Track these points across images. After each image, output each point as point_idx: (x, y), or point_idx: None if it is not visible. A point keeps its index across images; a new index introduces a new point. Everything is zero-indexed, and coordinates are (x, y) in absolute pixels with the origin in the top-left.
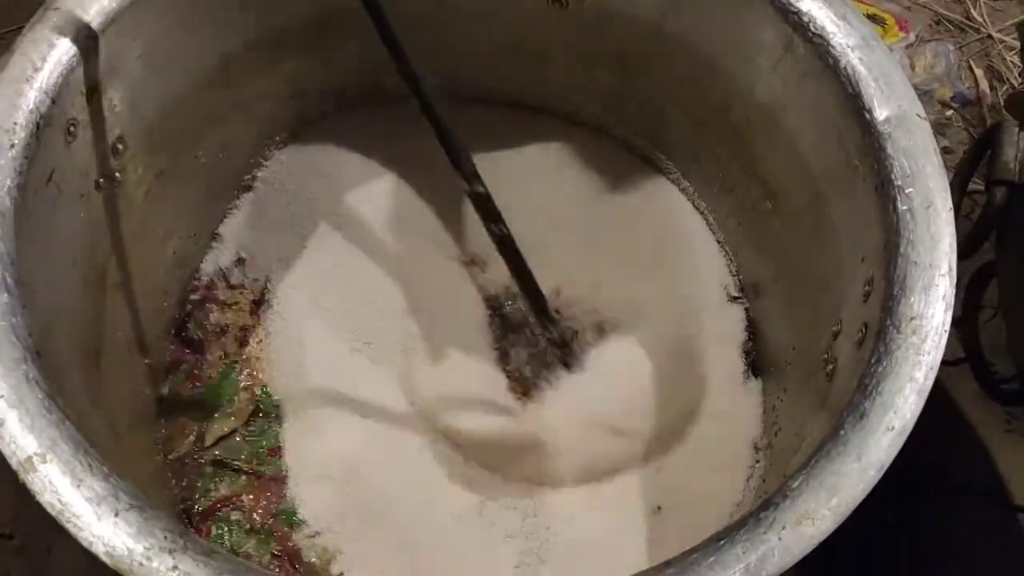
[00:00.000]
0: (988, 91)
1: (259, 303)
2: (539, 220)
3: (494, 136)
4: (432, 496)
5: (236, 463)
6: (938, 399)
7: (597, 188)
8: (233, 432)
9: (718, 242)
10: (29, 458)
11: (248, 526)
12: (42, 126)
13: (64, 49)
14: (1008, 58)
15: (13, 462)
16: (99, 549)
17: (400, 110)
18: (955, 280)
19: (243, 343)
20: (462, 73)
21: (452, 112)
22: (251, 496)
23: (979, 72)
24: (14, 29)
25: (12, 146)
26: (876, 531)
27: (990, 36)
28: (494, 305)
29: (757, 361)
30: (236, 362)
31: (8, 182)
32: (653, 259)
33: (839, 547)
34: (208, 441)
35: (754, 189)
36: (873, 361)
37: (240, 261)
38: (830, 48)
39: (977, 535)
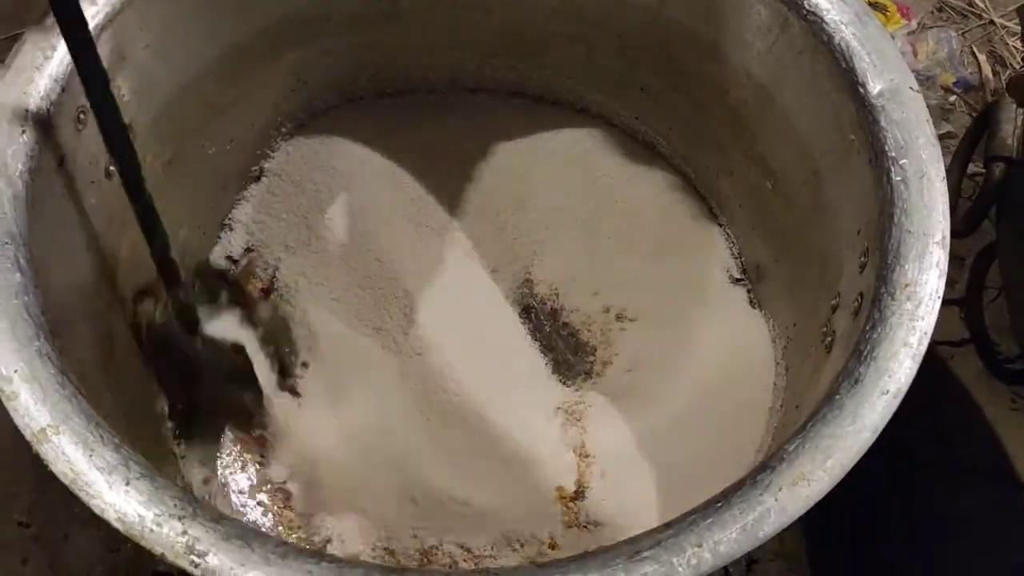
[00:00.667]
0: (991, 76)
1: (268, 291)
2: (541, 208)
3: (495, 125)
4: (435, 478)
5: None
6: (943, 379)
7: (598, 174)
8: None
9: (720, 225)
10: (43, 429)
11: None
12: (52, 113)
13: None
14: (1010, 43)
15: (27, 433)
16: (111, 516)
17: (404, 102)
18: (948, 247)
19: None
20: (463, 63)
21: (452, 101)
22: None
23: (982, 57)
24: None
25: (23, 132)
26: (882, 511)
27: (992, 22)
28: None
29: None
30: None
31: (20, 167)
32: (656, 244)
33: (846, 526)
34: None
35: (754, 170)
36: (868, 328)
37: (249, 250)
38: (824, 25)
39: (982, 514)
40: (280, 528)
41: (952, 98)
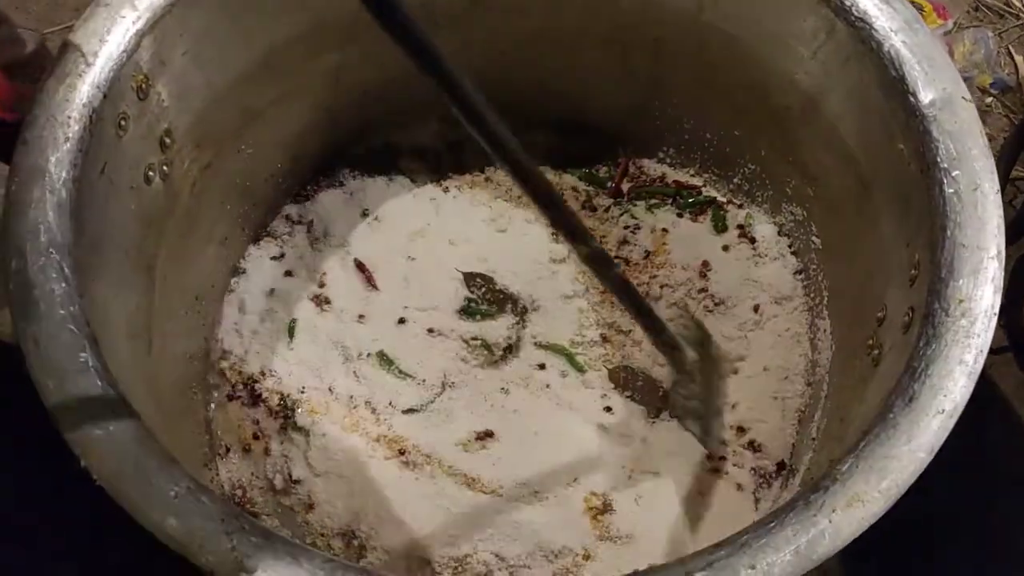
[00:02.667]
0: None
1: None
2: None
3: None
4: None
5: None
6: (981, 387)
7: None
8: None
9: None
10: (90, 443)
11: None
12: (95, 120)
13: (115, 44)
14: None
15: (74, 447)
16: (160, 530)
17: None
18: (1004, 262)
19: None
20: (495, 64)
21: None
22: None
23: (1019, 58)
24: (59, 28)
25: (67, 139)
26: (920, 521)
27: None
28: None
29: None
30: None
31: (64, 175)
32: None
33: (883, 537)
34: None
35: (793, 177)
36: (921, 344)
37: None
38: (873, 32)
39: (1022, 522)
40: (316, 536)
41: (989, 99)
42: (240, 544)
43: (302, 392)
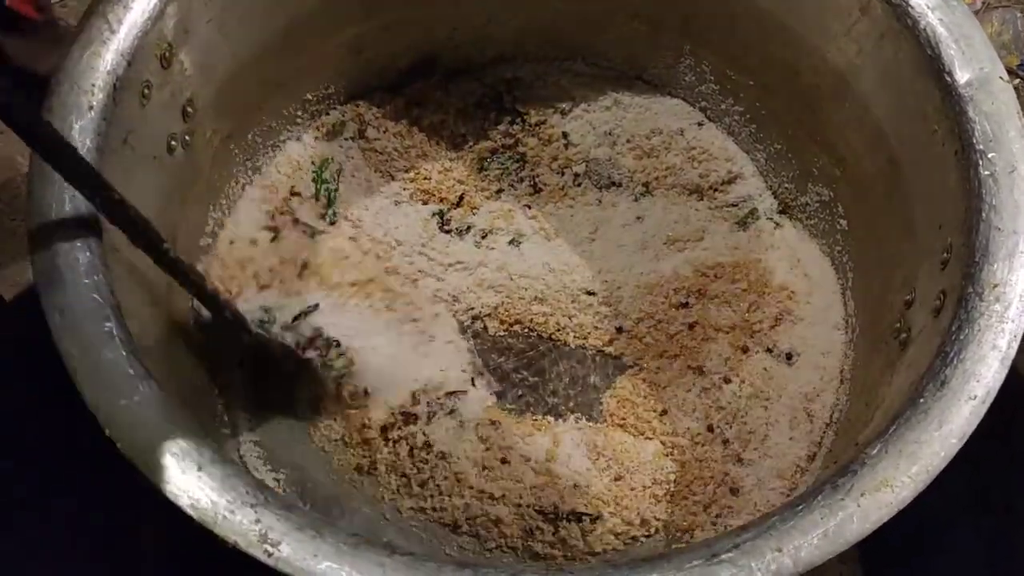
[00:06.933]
0: None
1: None
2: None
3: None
4: None
5: None
6: (1007, 377)
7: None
8: None
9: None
10: (115, 412)
11: None
12: (119, 88)
13: (139, 11)
14: None
15: (100, 416)
16: (184, 502)
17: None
18: None
19: None
20: (525, 36)
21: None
22: None
23: None
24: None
25: (91, 107)
26: (942, 513)
27: None
28: None
29: None
30: None
31: (88, 143)
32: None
33: (906, 531)
34: None
35: (821, 157)
36: (954, 329)
37: None
38: (909, 8)
39: None
40: None
41: (1016, 81)
42: (264, 517)
43: None
